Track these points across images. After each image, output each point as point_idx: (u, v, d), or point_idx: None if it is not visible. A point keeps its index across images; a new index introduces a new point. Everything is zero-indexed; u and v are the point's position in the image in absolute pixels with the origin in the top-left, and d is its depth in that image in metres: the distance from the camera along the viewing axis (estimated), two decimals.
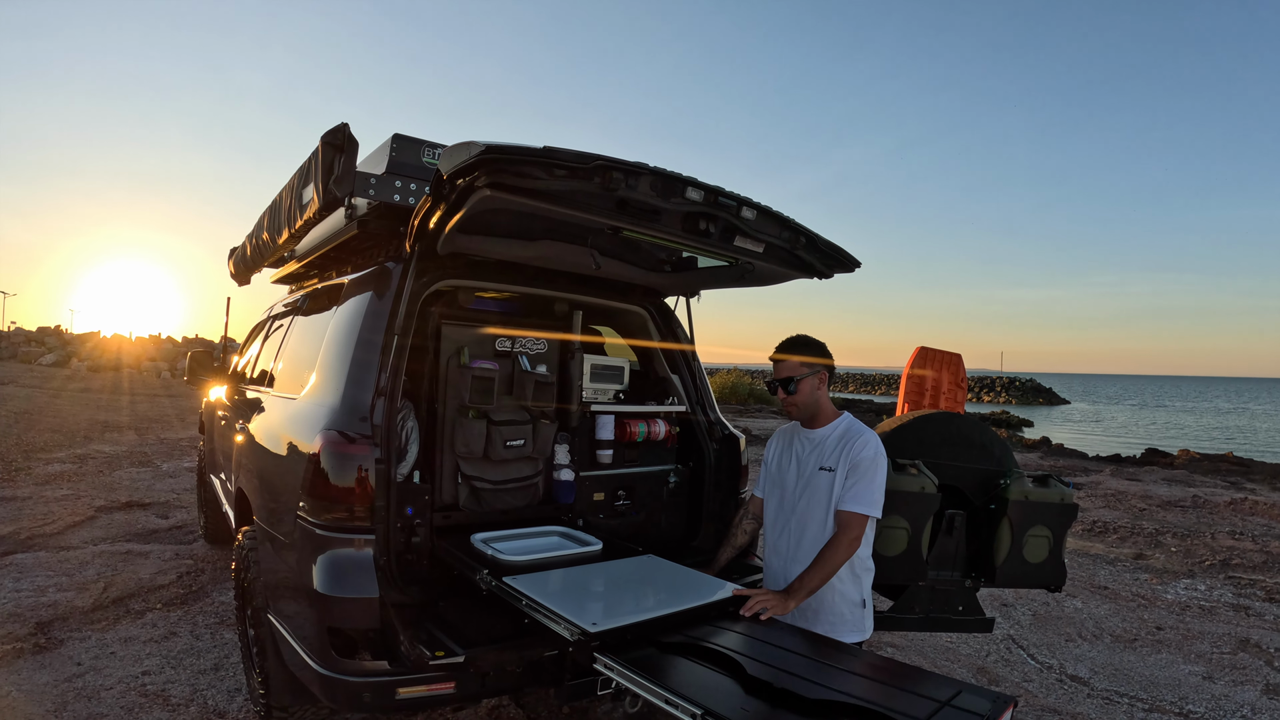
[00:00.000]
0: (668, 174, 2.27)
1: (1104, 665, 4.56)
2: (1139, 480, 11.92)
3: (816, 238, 2.84)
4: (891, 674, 2.17)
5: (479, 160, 2.06)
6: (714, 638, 2.33)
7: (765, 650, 2.28)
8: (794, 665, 2.16)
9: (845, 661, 2.24)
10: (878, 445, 2.68)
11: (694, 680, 2.08)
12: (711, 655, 2.22)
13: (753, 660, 2.16)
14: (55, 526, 6.33)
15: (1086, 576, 6.47)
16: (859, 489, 2.61)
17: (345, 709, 2.75)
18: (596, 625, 2.21)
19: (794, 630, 2.52)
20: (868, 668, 2.20)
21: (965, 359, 4.03)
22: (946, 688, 2.02)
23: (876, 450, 2.65)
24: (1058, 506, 3.23)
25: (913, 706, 1.89)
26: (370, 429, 2.63)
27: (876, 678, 2.11)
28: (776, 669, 2.12)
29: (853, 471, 2.63)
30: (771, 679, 2.03)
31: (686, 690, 1.95)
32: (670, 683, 2.01)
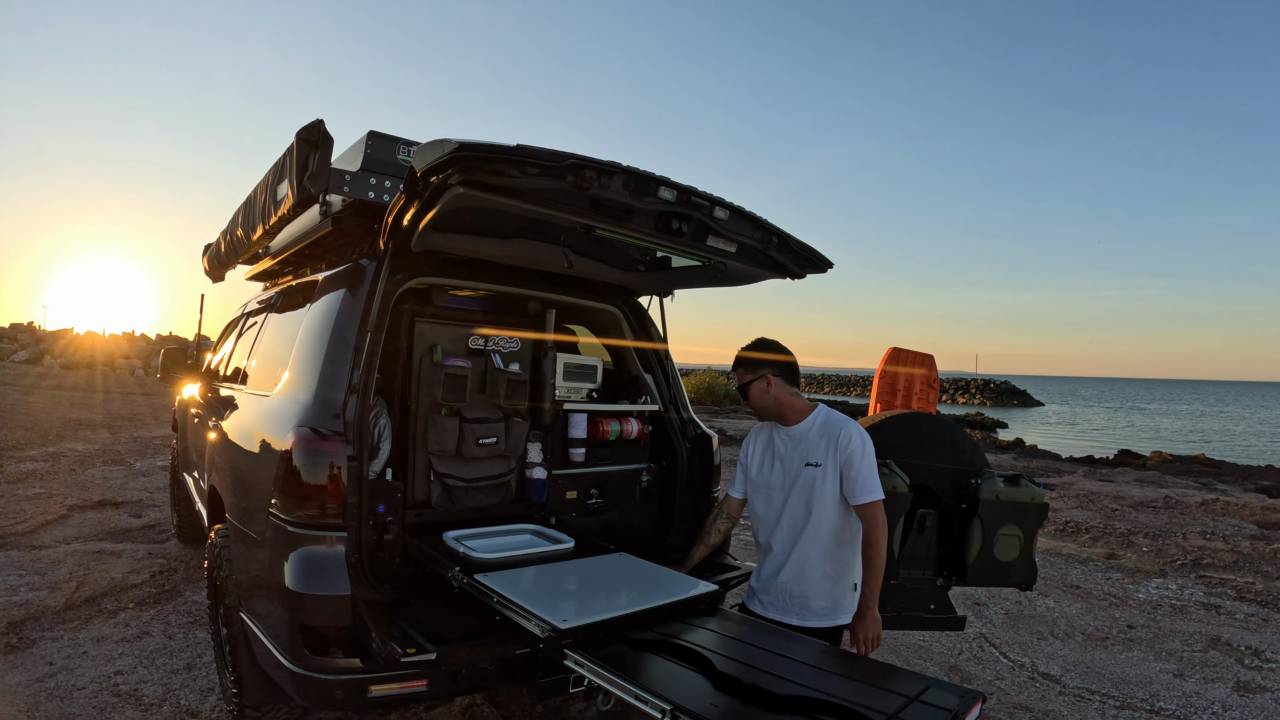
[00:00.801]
0: (640, 173, 2.29)
1: (1076, 663, 4.62)
2: (1111, 481, 12.10)
3: (789, 238, 2.86)
4: (862, 670, 2.19)
5: (452, 158, 2.06)
6: (685, 634, 2.35)
7: (736, 647, 2.30)
8: (764, 662, 2.18)
9: (816, 658, 2.26)
10: (860, 431, 2.75)
11: (664, 677, 2.09)
12: (682, 652, 2.24)
13: (723, 657, 2.18)
14: (27, 525, 6.24)
15: (1059, 576, 6.56)
16: (863, 479, 2.68)
17: (318, 707, 2.78)
18: (567, 622, 2.22)
19: (766, 627, 2.55)
20: (838, 664, 2.23)
21: (940, 361, 4.08)
22: (916, 683, 2.05)
23: (861, 437, 2.73)
24: (1029, 506, 3.27)
25: (881, 702, 1.91)
26: (343, 426, 2.63)
27: (847, 674, 2.13)
28: (746, 665, 2.13)
29: (848, 465, 2.69)
30: (741, 675, 2.04)
31: (656, 687, 1.97)
32: (641, 679, 2.02)
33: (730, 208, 2.60)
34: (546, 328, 3.70)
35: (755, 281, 3.39)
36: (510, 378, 3.41)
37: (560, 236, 2.99)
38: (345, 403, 2.67)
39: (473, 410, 3.34)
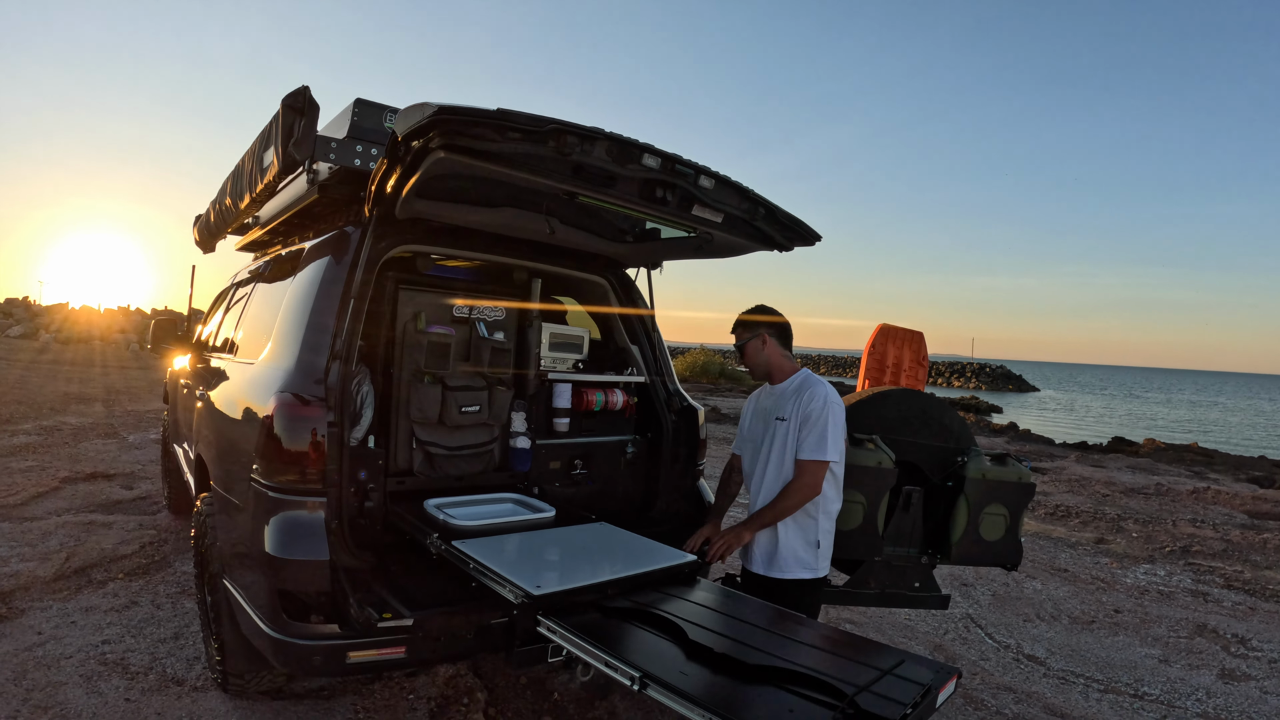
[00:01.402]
0: (624, 140, 2.27)
1: (1061, 646, 4.64)
2: (1103, 467, 12.13)
3: (776, 209, 2.84)
4: (837, 643, 2.19)
5: (432, 121, 2.04)
6: (661, 604, 2.35)
7: (712, 617, 2.31)
8: (739, 632, 2.18)
9: (791, 630, 2.26)
10: (827, 395, 2.84)
11: (637, 645, 2.10)
12: (657, 621, 2.24)
13: (697, 626, 2.18)
14: (19, 497, 6.24)
15: (1047, 559, 6.58)
16: (809, 438, 2.80)
17: (297, 673, 2.80)
18: (541, 588, 2.22)
19: (745, 599, 2.55)
20: (814, 636, 2.22)
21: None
22: (890, 657, 2.04)
23: (825, 400, 2.82)
24: (1015, 485, 3.27)
25: (854, 674, 1.91)
26: (324, 392, 2.63)
27: (821, 646, 2.13)
28: (720, 635, 2.14)
29: (804, 423, 2.82)
30: (713, 644, 2.04)
31: (628, 655, 1.97)
32: (613, 647, 2.02)
33: (715, 177, 2.58)
34: (532, 297, 3.70)
35: (742, 253, 3.38)
36: (494, 346, 3.42)
37: (544, 204, 2.98)
38: (327, 369, 2.67)
39: (456, 378, 3.34)
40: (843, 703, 1.76)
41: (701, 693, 1.81)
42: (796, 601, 2.82)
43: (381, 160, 2.46)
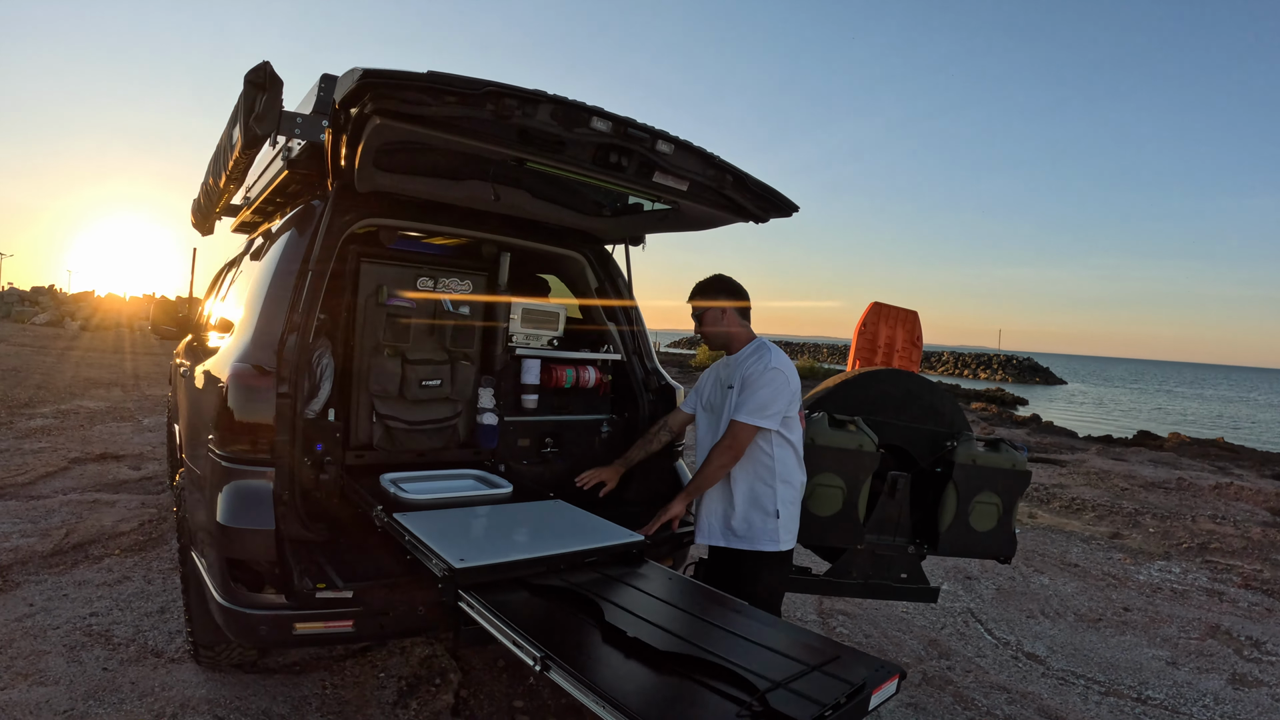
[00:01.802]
0: (569, 102, 2.19)
1: (1064, 644, 4.46)
2: (1125, 460, 11.81)
3: (745, 177, 2.75)
4: (771, 634, 2.08)
5: (362, 86, 2.01)
6: (593, 584, 2.31)
7: (642, 600, 2.24)
8: (666, 617, 2.11)
9: (726, 617, 2.17)
10: (770, 360, 2.76)
11: (554, 625, 2.05)
12: (582, 602, 2.19)
13: (622, 609, 2.11)
14: (27, 477, 6.30)
15: (1058, 553, 6.38)
16: (743, 399, 2.75)
17: (245, 642, 2.82)
18: (465, 561, 2.19)
19: (687, 584, 2.47)
20: (748, 625, 2.12)
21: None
22: (824, 652, 1.94)
23: (767, 365, 2.75)
24: (1008, 473, 3.12)
25: (775, 668, 1.82)
26: (279, 363, 2.66)
27: (752, 636, 2.03)
28: (643, 620, 2.06)
29: (743, 385, 2.78)
30: (628, 627, 1.97)
31: (541, 635, 1.91)
32: (527, 625, 1.97)
33: (675, 142, 2.49)
34: (501, 271, 3.65)
35: (716, 225, 3.28)
36: (457, 320, 3.37)
37: (489, 170, 2.91)
38: (283, 341, 2.70)
39: (416, 351, 3.32)
40: (752, 698, 1.67)
41: (604, 679, 1.73)
42: (756, 575, 2.77)
43: (327, 130, 2.46)
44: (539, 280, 4.28)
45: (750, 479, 2.79)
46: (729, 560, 2.86)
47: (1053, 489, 8.93)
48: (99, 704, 3.08)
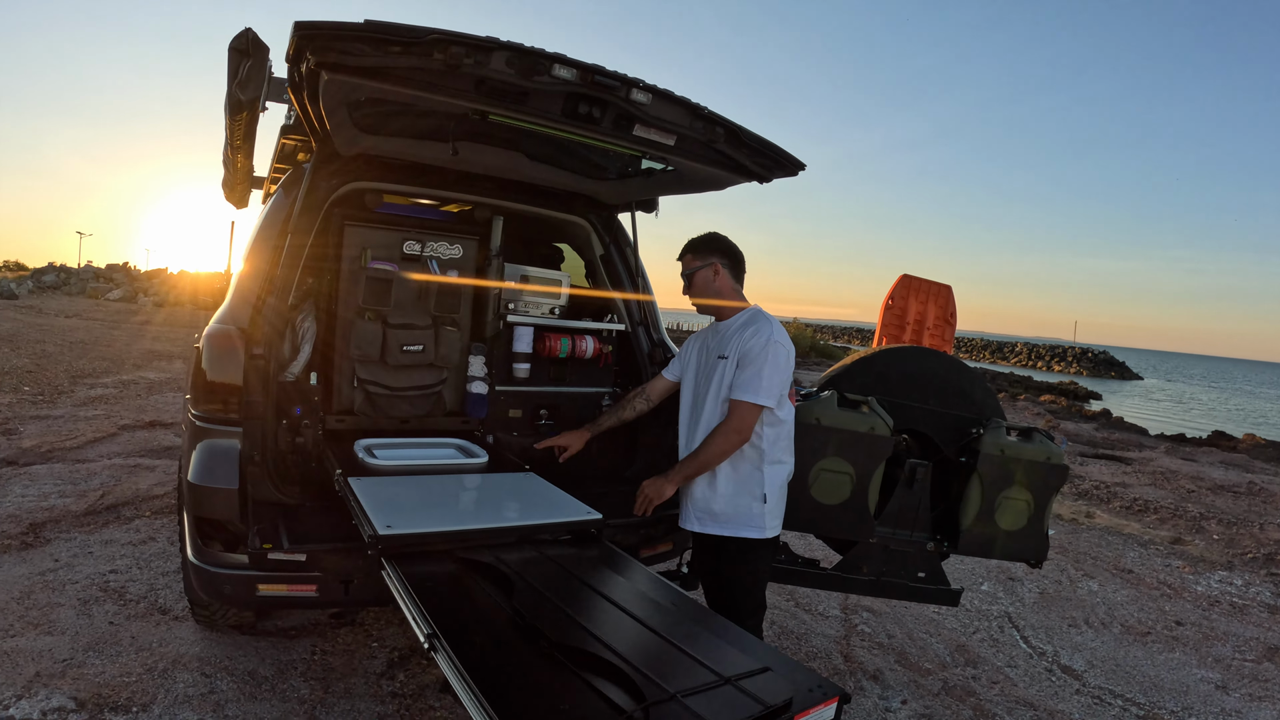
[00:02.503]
0: (526, 49, 2.05)
1: (1105, 659, 4.10)
2: (1194, 461, 11.06)
3: (740, 130, 2.52)
4: (698, 635, 1.90)
5: (297, 39, 1.93)
6: (520, 562, 2.23)
7: (566, 585, 2.14)
8: (582, 605, 1.99)
9: (655, 612, 2.01)
10: (772, 334, 2.54)
11: (460, 603, 1.98)
12: (502, 580, 2.11)
13: (537, 591, 2.03)
14: (76, 442, 6.50)
15: (1112, 557, 5.95)
16: (744, 376, 2.54)
17: (213, 601, 2.86)
18: (391, 528, 2.14)
19: (634, 572, 2.33)
20: (676, 623, 1.95)
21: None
22: (751, 662, 1.73)
23: (769, 339, 2.52)
24: (1042, 466, 2.80)
25: (677, 675, 1.64)
26: (251, 325, 2.67)
27: (671, 636, 1.85)
28: (558, 606, 1.96)
29: (742, 360, 2.56)
30: (533, 613, 1.87)
31: (442, 611, 1.84)
32: (431, 600, 1.90)
33: (653, 90, 2.29)
34: (493, 236, 3.53)
35: (720, 186, 3.05)
36: (442, 285, 3.27)
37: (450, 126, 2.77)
38: (261, 303, 2.72)
39: (398, 315, 3.24)
40: (632, 708, 1.50)
41: (484, 667, 1.62)
42: (738, 562, 2.58)
43: (289, 90, 2.41)
44: (552, 248, 4.12)
45: (736, 460, 2.58)
46: (711, 546, 2.67)
47: (1114, 488, 8.39)
48: (97, 655, 3.14)
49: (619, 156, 2.97)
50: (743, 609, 2.63)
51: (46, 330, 14.84)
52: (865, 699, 3.33)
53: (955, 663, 3.83)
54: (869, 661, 3.68)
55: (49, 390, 8.83)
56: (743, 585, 2.62)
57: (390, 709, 2.91)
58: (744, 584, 2.61)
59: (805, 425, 2.70)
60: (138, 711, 2.76)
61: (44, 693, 2.81)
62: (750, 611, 2.64)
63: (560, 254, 4.13)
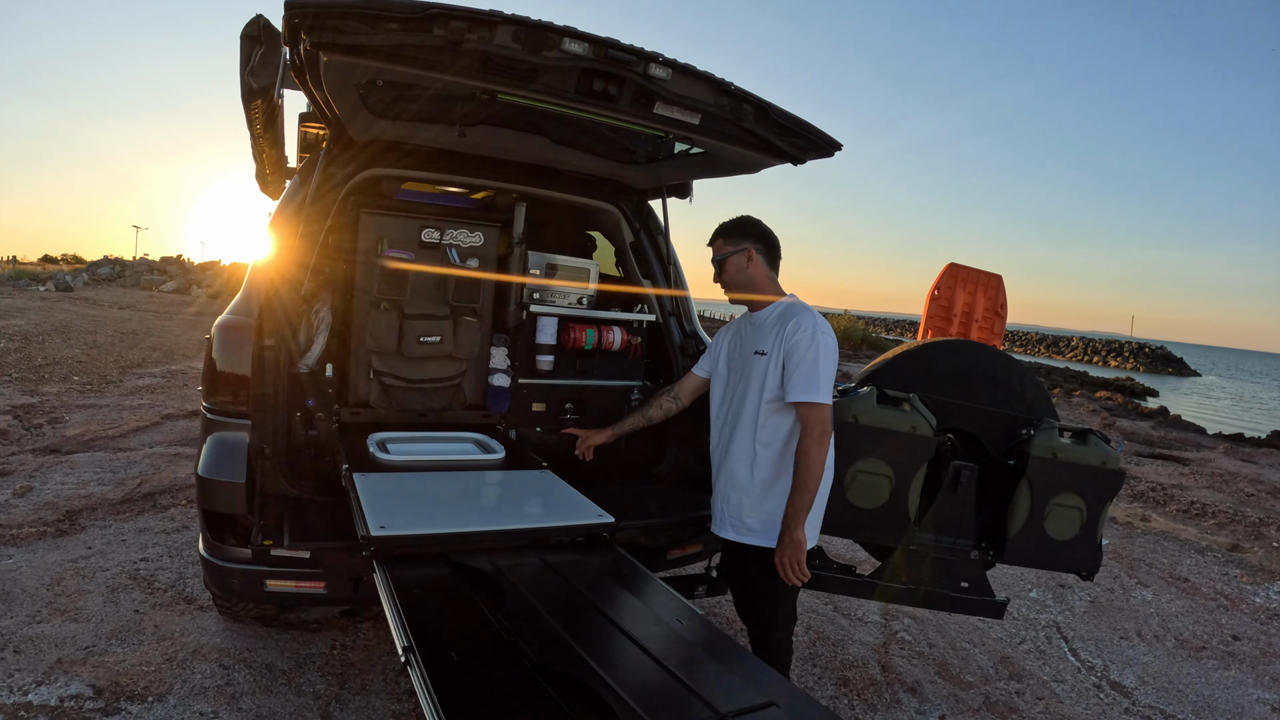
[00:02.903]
0: (533, 23, 1.94)
1: (1157, 675, 3.85)
2: (1254, 462, 10.51)
3: (769, 107, 2.36)
4: (695, 662, 1.75)
5: (290, 19, 1.86)
6: (514, 568, 2.12)
7: (562, 596, 2.02)
8: (574, 622, 1.86)
9: (653, 632, 1.86)
10: (815, 325, 2.35)
11: (449, 613, 1.89)
12: (494, 588, 2.01)
13: (526, 603, 1.92)
14: (119, 431, 6.58)
15: (1168, 564, 5.63)
16: (800, 376, 2.33)
17: (222, 595, 2.87)
18: (385, 530, 2.06)
19: (645, 579, 2.20)
20: (673, 647, 1.80)
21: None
22: (752, 697, 1.58)
23: (814, 330, 2.36)
24: (1096, 471, 2.59)
25: (667, 710, 1.51)
26: (261, 316, 2.63)
27: (669, 663, 1.71)
28: (546, 620, 1.84)
29: (790, 358, 2.36)
30: (519, 627, 1.77)
31: (425, 621, 1.75)
32: (416, 608, 1.80)
33: (673, 65, 2.15)
34: (516, 223, 3.41)
35: (753, 169, 2.88)
36: (461, 273, 3.18)
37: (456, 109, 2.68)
38: (273, 294, 2.68)
39: (415, 305, 3.15)
40: None
41: (457, 687, 1.53)
42: (771, 573, 2.38)
43: (292, 75, 2.34)
44: (585, 236, 4.00)
45: (775, 464, 2.40)
46: (742, 554, 2.51)
47: (1171, 490, 7.99)
48: (119, 643, 3.14)
49: (648, 139, 2.84)
50: (771, 621, 2.48)
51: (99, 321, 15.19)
52: (901, 713, 3.16)
53: (998, 676, 3.62)
54: (907, 672, 3.50)
55: (97, 380, 8.99)
56: (773, 597, 2.46)
57: (406, 707, 2.84)
58: (775, 596, 2.45)
59: (842, 423, 2.53)
60: (153, 701, 2.75)
61: (64, 679, 2.82)
62: (780, 623, 2.50)
63: (593, 242, 4.01)
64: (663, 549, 2.93)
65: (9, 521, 4.29)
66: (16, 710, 2.65)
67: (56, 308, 17.38)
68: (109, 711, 2.67)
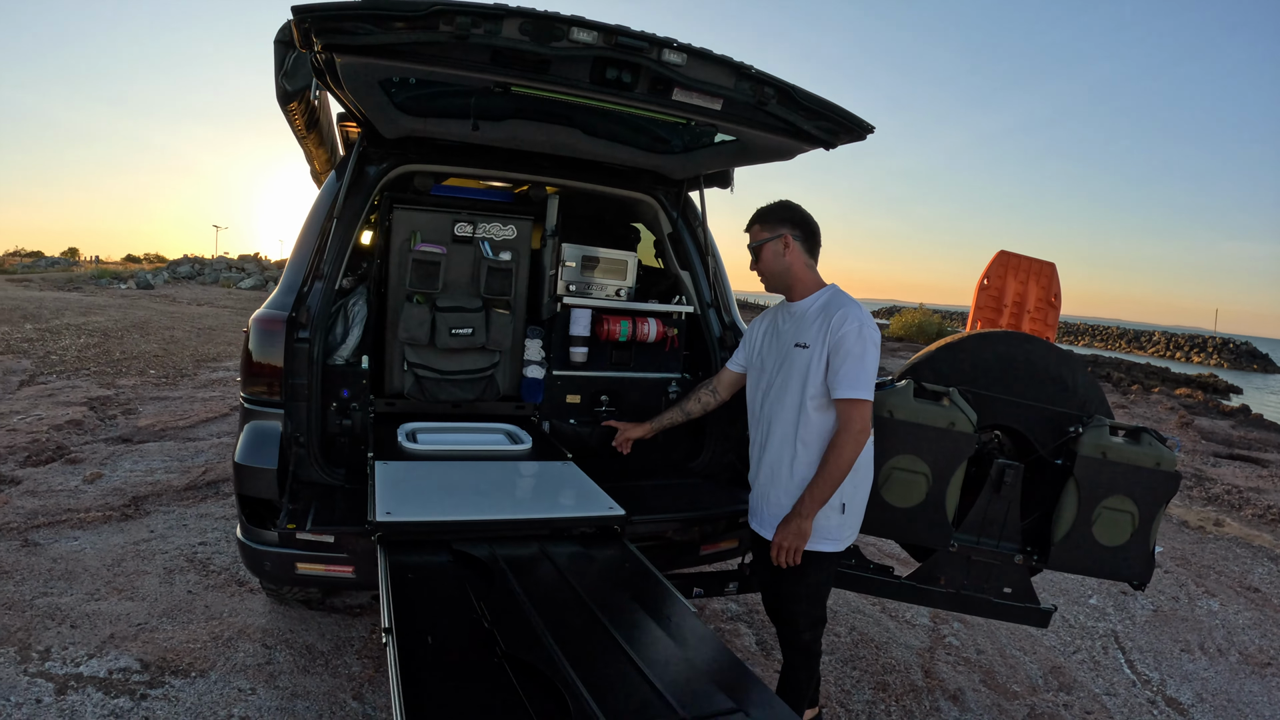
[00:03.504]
0: (538, 14, 1.95)
1: (1217, 691, 3.61)
2: None
3: (793, 89, 2.29)
4: (672, 662, 1.73)
5: (299, 23, 1.91)
6: (511, 558, 2.16)
7: (551, 587, 2.05)
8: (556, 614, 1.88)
9: (636, 629, 1.86)
10: (861, 317, 2.26)
11: (438, 598, 1.93)
12: (490, 575, 2.07)
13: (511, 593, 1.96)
14: (189, 421, 6.87)
15: (1238, 572, 5.30)
16: (849, 370, 2.23)
17: (256, 575, 2.96)
18: (391, 515, 2.14)
19: (637, 577, 2.18)
20: (652, 644, 1.79)
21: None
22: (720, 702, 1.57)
23: (861, 323, 2.27)
24: (1150, 473, 2.43)
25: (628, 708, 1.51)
26: (299, 310, 2.73)
27: (643, 660, 1.70)
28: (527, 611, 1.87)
29: (836, 352, 2.26)
30: (494, 616, 1.81)
31: (412, 605, 1.82)
32: (407, 592, 1.88)
33: (688, 50, 2.11)
34: (549, 216, 3.45)
35: (785, 156, 2.82)
36: (492, 266, 3.20)
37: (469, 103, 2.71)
38: (308, 287, 2.77)
39: (447, 298, 3.20)
40: None
41: (426, 667, 1.59)
42: (804, 576, 2.32)
43: (315, 77, 2.45)
44: (629, 228, 3.98)
45: (816, 463, 2.31)
46: None
47: (1247, 493, 7.53)
48: (170, 621, 3.28)
49: (681, 128, 2.82)
50: (800, 623, 2.42)
51: (177, 318, 15.89)
52: None
53: (1047, 686, 3.46)
54: (951, 679, 3.37)
55: (172, 373, 9.40)
56: (805, 599, 2.39)
57: None
58: (806, 598, 2.38)
59: (877, 419, 2.43)
60: (196, 676, 2.86)
61: (114, 653, 2.97)
62: (808, 625, 2.43)
63: (636, 233, 3.99)
64: (694, 544, 2.90)
65: (77, 506, 4.52)
66: (68, 680, 2.79)
67: (136, 305, 18.24)
68: (154, 684, 2.79)
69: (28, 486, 4.81)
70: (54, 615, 3.22)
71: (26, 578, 3.56)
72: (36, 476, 5.03)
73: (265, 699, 2.76)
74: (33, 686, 2.72)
